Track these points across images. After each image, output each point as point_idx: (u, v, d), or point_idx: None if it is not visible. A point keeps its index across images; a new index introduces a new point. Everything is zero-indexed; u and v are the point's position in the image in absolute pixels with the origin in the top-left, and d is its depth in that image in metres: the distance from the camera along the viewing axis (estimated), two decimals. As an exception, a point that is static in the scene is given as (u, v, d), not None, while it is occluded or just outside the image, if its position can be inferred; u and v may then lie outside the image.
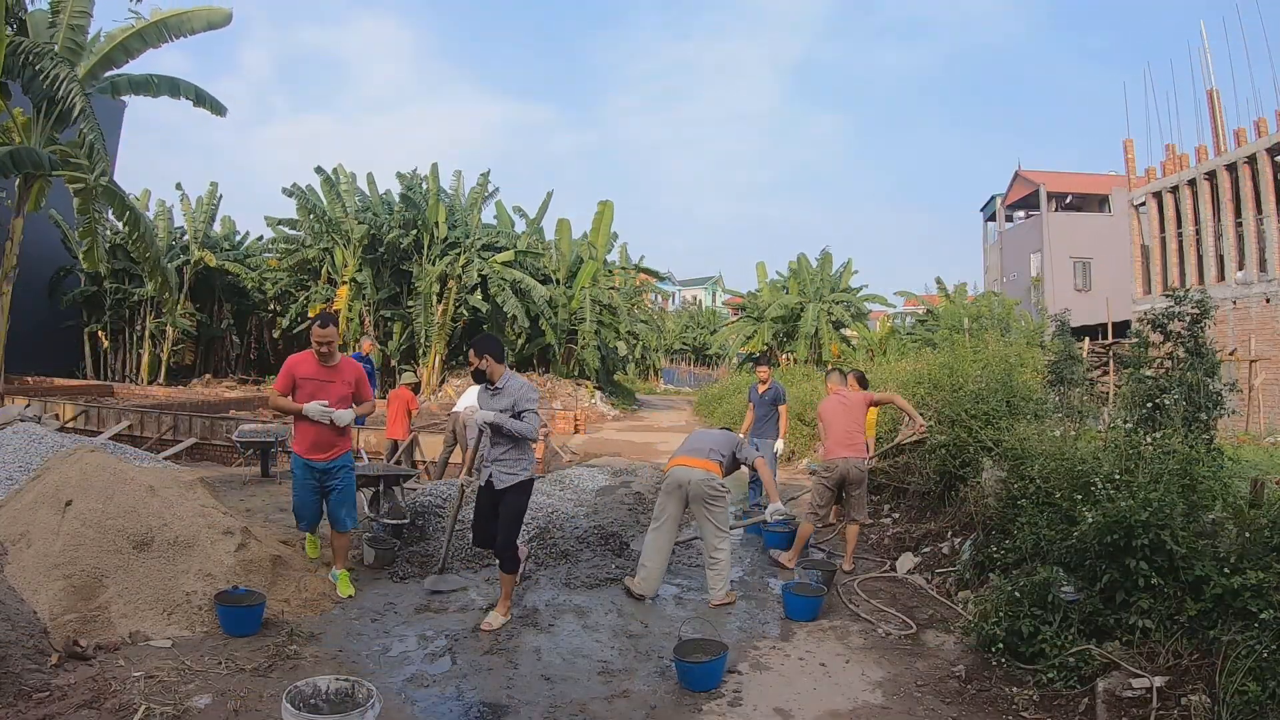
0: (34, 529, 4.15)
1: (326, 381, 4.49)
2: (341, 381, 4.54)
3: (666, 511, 5.06)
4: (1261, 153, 16.28)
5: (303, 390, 4.45)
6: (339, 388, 4.51)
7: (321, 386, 4.46)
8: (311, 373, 4.48)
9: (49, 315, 21.29)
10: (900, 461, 7.55)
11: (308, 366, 4.50)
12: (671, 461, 5.21)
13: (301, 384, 4.46)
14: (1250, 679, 2.96)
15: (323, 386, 4.47)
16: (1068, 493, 4.25)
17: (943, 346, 12.12)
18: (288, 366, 4.51)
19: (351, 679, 2.96)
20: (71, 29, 11.71)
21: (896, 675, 3.92)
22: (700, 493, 4.96)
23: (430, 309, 20.71)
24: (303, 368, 4.50)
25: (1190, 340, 5.56)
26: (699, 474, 5.00)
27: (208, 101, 12.74)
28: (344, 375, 4.57)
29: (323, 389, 4.46)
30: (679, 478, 5.02)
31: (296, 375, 4.46)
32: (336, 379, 4.52)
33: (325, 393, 4.45)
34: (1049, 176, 29.59)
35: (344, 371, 4.58)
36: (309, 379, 4.47)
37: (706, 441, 5.29)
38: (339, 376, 4.54)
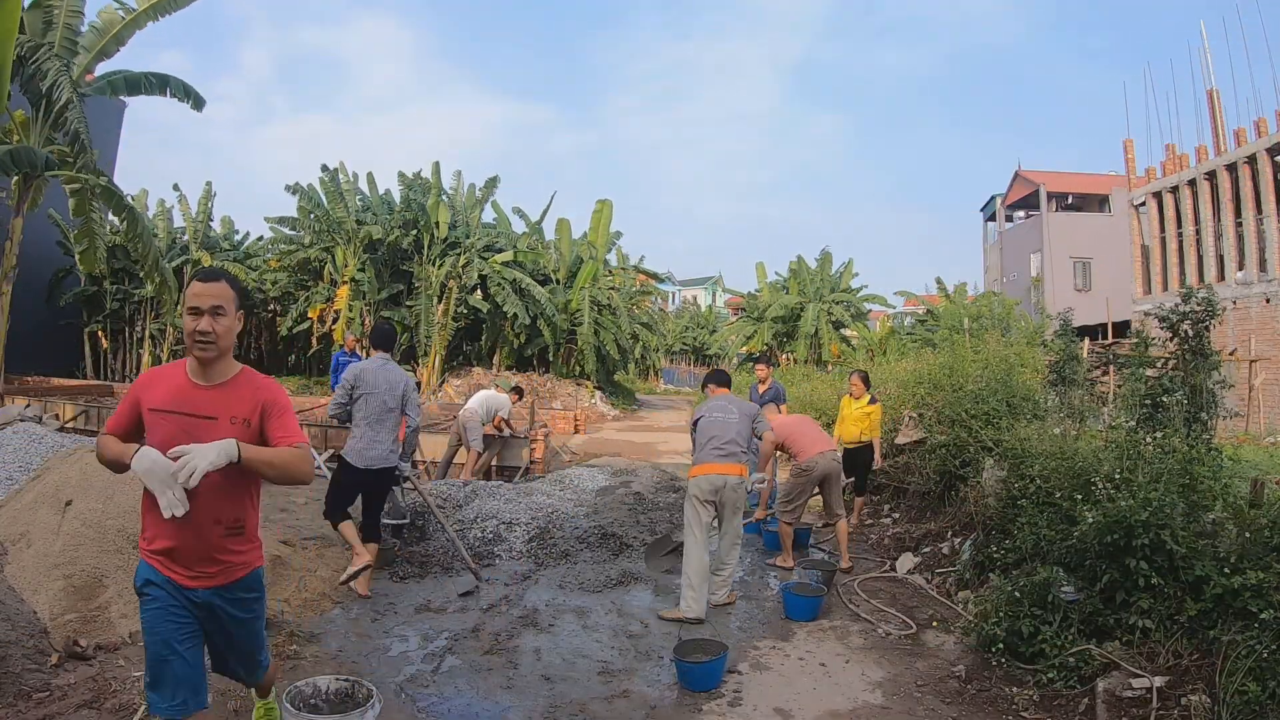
0: (34, 529, 4.15)
1: (201, 418, 2.20)
2: (230, 417, 2.22)
3: (702, 520, 4.73)
4: (1261, 153, 16.28)
5: (155, 430, 2.20)
6: (224, 428, 2.19)
7: (192, 425, 2.19)
8: (172, 397, 2.22)
9: (49, 315, 21.27)
10: (900, 461, 7.55)
11: (167, 385, 2.25)
12: (705, 467, 4.78)
13: (154, 420, 2.21)
14: (1250, 679, 2.96)
15: (194, 425, 2.18)
16: (1068, 493, 4.26)
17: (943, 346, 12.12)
18: (134, 387, 2.32)
19: (351, 679, 2.96)
20: (67, 27, 11.71)
21: (896, 675, 3.91)
22: (734, 499, 4.80)
23: (430, 309, 20.71)
24: (158, 389, 2.25)
25: (1195, 340, 5.56)
26: (734, 479, 4.77)
27: (192, 96, 12.90)
28: (237, 404, 2.25)
29: (194, 428, 2.18)
30: (715, 484, 4.73)
31: (145, 402, 2.24)
32: (221, 412, 2.22)
33: (198, 434, 2.16)
34: (1049, 176, 29.59)
35: (240, 396, 2.26)
36: (168, 410, 2.20)
37: (731, 434, 4.85)
38: (227, 406, 2.23)
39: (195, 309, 2.17)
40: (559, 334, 22.02)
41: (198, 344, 2.18)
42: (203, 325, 2.16)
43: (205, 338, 2.17)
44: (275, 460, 2.17)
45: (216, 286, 2.20)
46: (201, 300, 2.17)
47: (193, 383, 2.23)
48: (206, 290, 2.18)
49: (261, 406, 2.25)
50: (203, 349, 2.18)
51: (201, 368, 2.23)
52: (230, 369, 2.28)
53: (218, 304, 2.18)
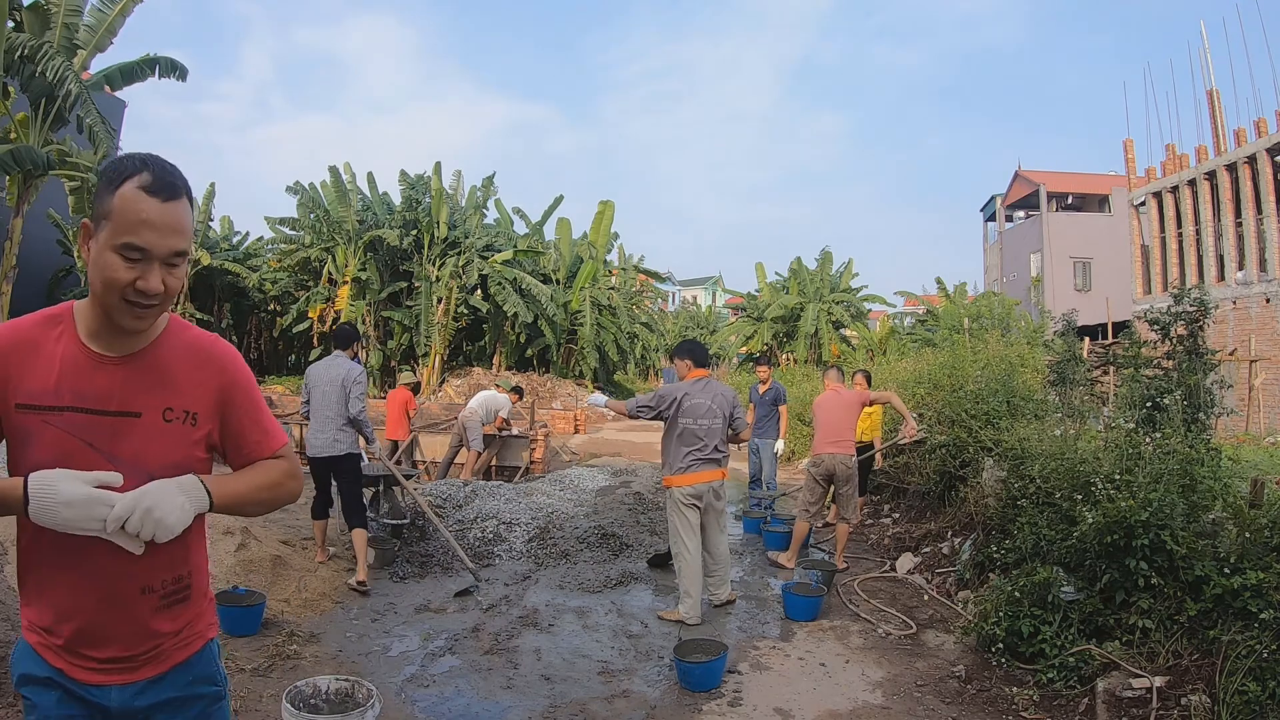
0: (34, 529, 4.15)
1: (116, 414, 1.26)
2: (164, 410, 1.30)
3: (691, 523, 4.67)
4: (1261, 153, 16.28)
5: (37, 444, 1.23)
6: (156, 429, 1.29)
7: (103, 430, 1.25)
8: (60, 383, 1.24)
9: (49, 315, 21.28)
10: (900, 461, 7.55)
11: (46, 362, 1.25)
12: (689, 477, 4.69)
13: (32, 425, 1.24)
14: (1250, 679, 2.96)
15: (106, 430, 1.25)
16: (1068, 493, 4.26)
17: (943, 346, 12.12)
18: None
19: (351, 679, 2.96)
20: (66, 26, 11.74)
21: (896, 675, 3.92)
22: (714, 500, 4.80)
23: (430, 309, 20.72)
24: (32, 368, 1.24)
25: (1190, 340, 5.58)
26: (717, 483, 4.79)
27: (177, 69, 13.10)
28: (173, 387, 1.31)
29: (108, 436, 1.25)
30: (699, 490, 4.70)
31: (9, 394, 1.23)
32: (149, 402, 1.29)
33: (115, 446, 1.25)
34: (1049, 176, 29.59)
35: (177, 373, 1.32)
36: (57, 407, 1.24)
37: (715, 440, 4.75)
38: (158, 391, 1.30)
39: (136, 249, 1.19)
40: (560, 334, 22.04)
41: (134, 307, 1.22)
42: (151, 283, 1.20)
43: (149, 300, 1.22)
44: (260, 490, 1.37)
45: (178, 210, 1.23)
46: (156, 235, 1.20)
47: (93, 353, 1.25)
48: (165, 217, 1.21)
49: (219, 392, 1.35)
50: (141, 315, 1.24)
51: (116, 332, 1.26)
52: (155, 326, 1.31)
53: (179, 247, 1.23)
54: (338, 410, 4.93)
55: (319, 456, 5.02)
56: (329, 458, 4.99)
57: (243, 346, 26.56)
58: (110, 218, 1.21)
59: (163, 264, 1.22)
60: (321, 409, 4.97)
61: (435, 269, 20.86)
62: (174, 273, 1.25)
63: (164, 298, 1.25)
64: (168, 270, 1.23)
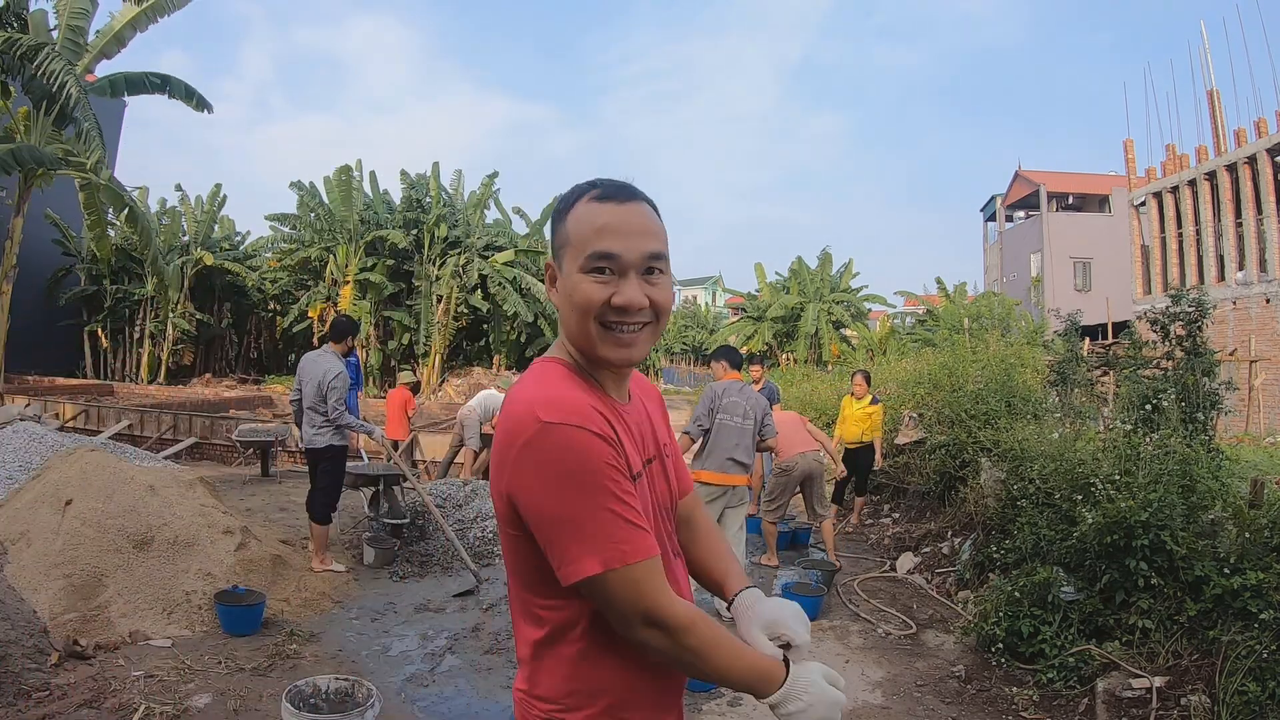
0: (34, 528, 4.15)
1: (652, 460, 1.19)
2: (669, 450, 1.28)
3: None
4: (1261, 153, 16.28)
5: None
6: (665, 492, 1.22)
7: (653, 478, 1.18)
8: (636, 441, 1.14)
9: (49, 315, 21.28)
10: (900, 461, 7.55)
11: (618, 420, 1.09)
12: (716, 476, 4.69)
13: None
14: (1250, 679, 2.96)
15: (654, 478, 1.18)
16: (1067, 493, 4.26)
17: (943, 347, 12.12)
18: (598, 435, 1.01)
19: (351, 678, 2.96)
20: (71, 28, 11.75)
21: (896, 675, 3.92)
22: (735, 501, 4.81)
23: (430, 309, 20.73)
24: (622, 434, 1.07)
25: (1188, 340, 5.58)
26: (741, 489, 4.80)
27: (195, 98, 12.93)
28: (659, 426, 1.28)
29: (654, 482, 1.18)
30: (717, 491, 4.70)
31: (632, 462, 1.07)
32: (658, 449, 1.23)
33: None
34: (1049, 176, 29.59)
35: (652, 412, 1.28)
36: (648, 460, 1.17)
37: (746, 441, 4.74)
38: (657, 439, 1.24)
39: (602, 257, 1.05)
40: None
41: (614, 332, 1.06)
42: (628, 295, 1.05)
43: (631, 319, 1.06)
44: None
45: (639, 210, 1.09)
46: (620, 238, 1.05)
47: (616, 402, 1.13)
48: (627, 217, 1.07)
49: (663, 414, 1.32)
50: (625, 341, 1.07)
51: (619, 378, 1.15)
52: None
53: (651, 248, 1.07)
54: (318, 405, 5.02)
55: (306, 448, 5.11)
56: (311, 450, 5.07)
57: (242, 346, 26.60)
58: (569, 243, 1.07)
59: (638, 274, 1.05)
60: (308, 403, 5.06)
61: (436, 269, 20.88)
62: (655, 283, 1.06)
63: (650, 316, 1.07)
64: (646, 282, 1.06)
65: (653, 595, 0.99)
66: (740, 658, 1.04)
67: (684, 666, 1.04)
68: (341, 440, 5.04)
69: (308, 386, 5.01)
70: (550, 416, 0.98)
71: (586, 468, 0.97)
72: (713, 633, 1.03)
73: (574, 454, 0.97)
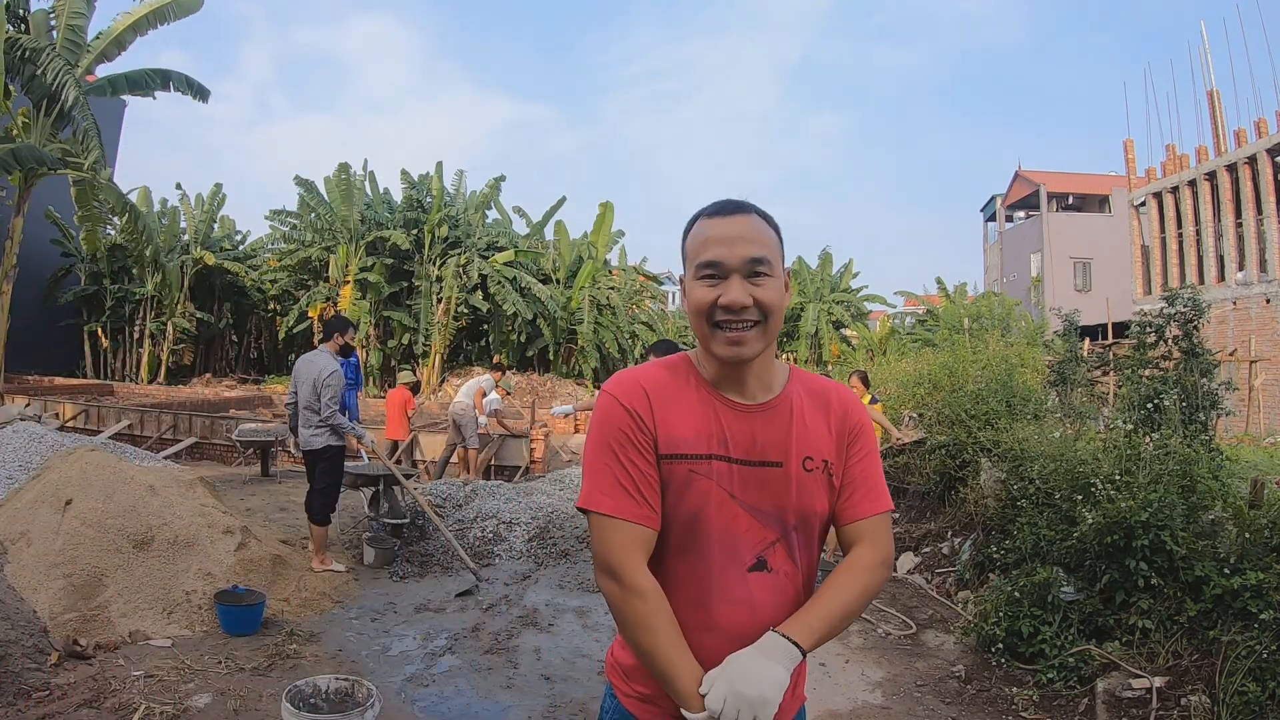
0: (34, 528, 4.15)
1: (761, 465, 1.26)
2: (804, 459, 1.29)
3: None
4: (1261, 153, 16.29)
5: (686, 492, 1.23)
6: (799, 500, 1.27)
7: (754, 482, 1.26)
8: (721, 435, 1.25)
9: (49, 315, 21.27)
10: (900, 461, 7.55)
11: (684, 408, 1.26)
12: None
13: (681, 474, 1.23)
14: (1250, 679, 2.96)
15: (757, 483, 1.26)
16: (1067, 493, 4.26)
17: (943, 347, 12.13)
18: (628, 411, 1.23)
19: (351, 678, 2.96)
20: (70, 28, 11.76)
21: (896, 675, 3.92)
22: None
23: (431, 309, 20.73)
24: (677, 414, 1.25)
25: (1186, 341, 5.58)
26: None
27: (195, 88, 13.01)
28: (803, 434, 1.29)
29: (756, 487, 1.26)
30: None
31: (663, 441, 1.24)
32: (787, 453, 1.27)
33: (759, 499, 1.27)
34: (1049, 176, 29.60)
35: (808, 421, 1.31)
36: (714, 456, 1.24)
37: None
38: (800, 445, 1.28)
39: (708, 265, 1.18)
40: (559, 333, 22.05)
41: (724, 330, 1.18)
42: (732, 295, 1.16)
43: (736, 317, 1.17)
44: (851, 605, 1.25)
45: (743, 222, 1.20)
46: (724, 247, 1.18)
47: (729, 400, 1.23)
48: (729, 228, 1.19)
49: (841, 437, 1.30)
50: (734, 339, 1.18)
51: (736, 373, 1.23)
52: (776, 374, 1.28)
53: (751, 254, 1.18)
54: (314, 405, 5.01)
55: (304, 450, 5.10)
56: (308, 451, 5.07)
57: (242, 346, 26.60)
58: (687, 257, 1.23)
59: (743, 277, 1.17)
60: (301, 403, 5.07)
61: (436, 268, 20.87)
62: (761, 285, 1.18)
63: (758, 315, 1.18)
64: (751, 284, 1.18)
65: (612, 549, 1.15)
66: (671, 654, 1.12)
67: (624, 628, 1.16)
68: (339, 441, 5.03)
69: (303, 388, 5.01)
70: (608, 386, 1.24)
71: (603, 426, 1.19)
72: (661, 616, 1.13)
73: (600, 414, 1.21)
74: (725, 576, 1.19)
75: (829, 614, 1.19)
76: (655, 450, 1.18)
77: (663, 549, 1.20)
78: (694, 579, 1.19)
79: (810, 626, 1.16)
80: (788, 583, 1.23)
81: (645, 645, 1.13)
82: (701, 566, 1.19)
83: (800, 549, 1.25)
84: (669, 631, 1.13)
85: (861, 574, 1.25)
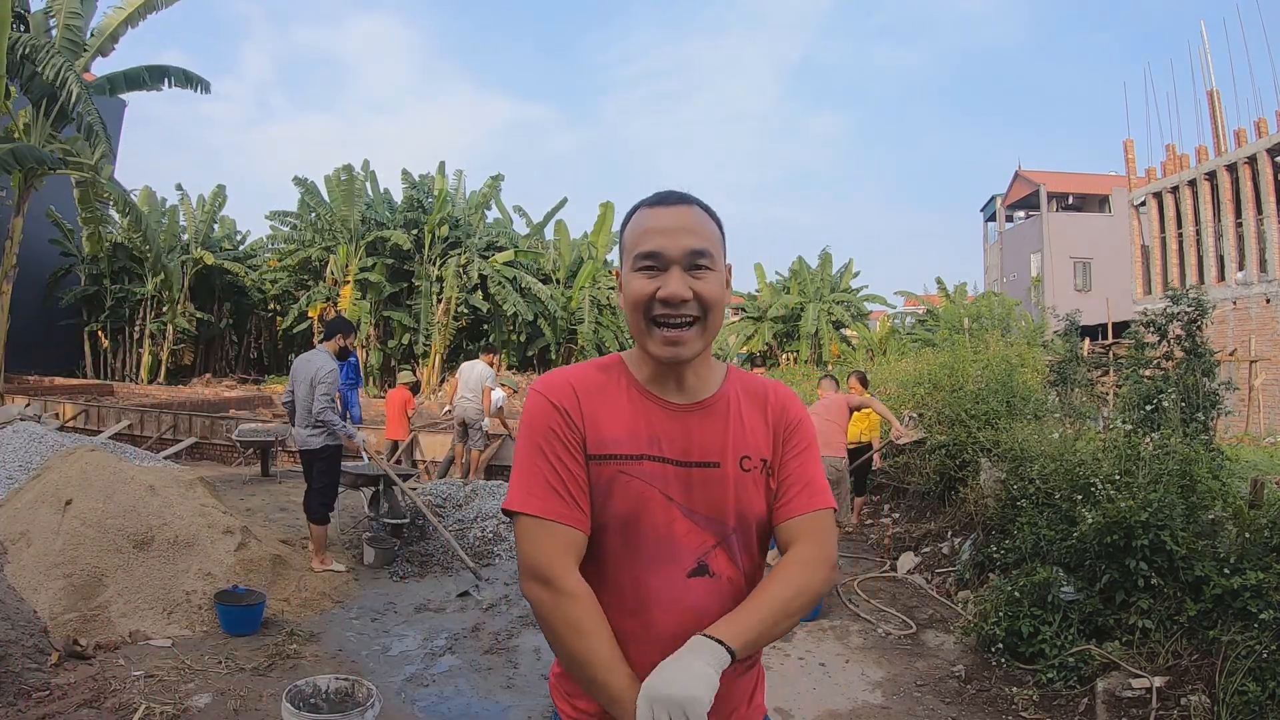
0: (34, 528, 4.15)
1: (698, 465, 1.22)
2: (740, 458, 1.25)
3: None
4: (1261, 153, 16.29)
5: (616, 493, 1.18)
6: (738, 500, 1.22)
7: (689, 483, 1.22)
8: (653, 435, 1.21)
9: (48, 315, 21.27)
10: (900, 461, 7.55)
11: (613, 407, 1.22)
12: None
13: (610, 474, 1.20)
14: (1250, 679, 2.96)
15: (693, 483, 1.22)
16: (1067, 493, 4.26)
17: (943, 347, 12.12)
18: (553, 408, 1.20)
19: (351, 678, 2.96)
20: (68, 28, 11.77)
21: (896, 675, 3.92)
22: None
23: (431, 308, 20.73)
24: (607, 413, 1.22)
25: (1188, 340, 5.58)
26: None
27: (194, 81, 12.95)
28: (740, 433, 1.26)
29: (691, 487, 1.22)
30: None
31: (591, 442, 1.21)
32: (724, 453, 1.23)
33: (695, 500, 1.22)
34: (1049, 176, 29.60)
35: (744, 421, 1.27)
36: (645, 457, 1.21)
37: None
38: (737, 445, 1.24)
39: (647, 256, 1.14)
40: (560, 333, 22.06)
41: (662, 328, 1.14)
42: (671, 288, 1.12)
43: (675, 311, 1.13)
44: (788, 605, 1.13)
45: (685, 213, 1.17)
46: (664, 237, 1.14)
47: (660, 399, 1.20)
48: (671, 219, 1.15)
49: (776, 434, 1.25)
50: (672, 339, 1.14)
51: (672, 373, 1.19)
52: (713, 374, 1.25)
53: (692, 245, 1.14)
54: (310, 406, 5.03)
55: (300, 450, 5.11)
56: (305, 451, 5.07)
57: (242, 346, 26.60)
58: (625, 247, 1.19)
59: (683, 270, 1.13)
60: (299, 403, 5.09)
61: (436, 268, 20.87)
62: (702, 278, 1.13)
63: (697, 310, 1.13)
64: (691, 277, 1.13)
65: (543, 553, 1.10)
66: (608, 659, 1.06)
67: (555, 637, 1.09)
68: (336, 440, 5.04)
69: (300, 387, 5.02)
70: (536, 384, 1.20)
71: (531, 425, 1.16)
72: (597, 619, 1.08)
73: (528, 413, 1.17)
74: (665, 583, 1.13)
75: (761, 615, 1.09)
76: (584, 450, 1.14)
77: (598, 556, 1.15)
78: (632, 587, 1.13)
79: (740, 626, 1.07)
80: (731, 588, 1.16)
81: (579, 652, 1.07)
82: (639, 573, 1.14)
83: (742, 552, 1.19)
84: (604, 635, 1.07)
85: (797, 571, 1.15)
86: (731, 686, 1.15)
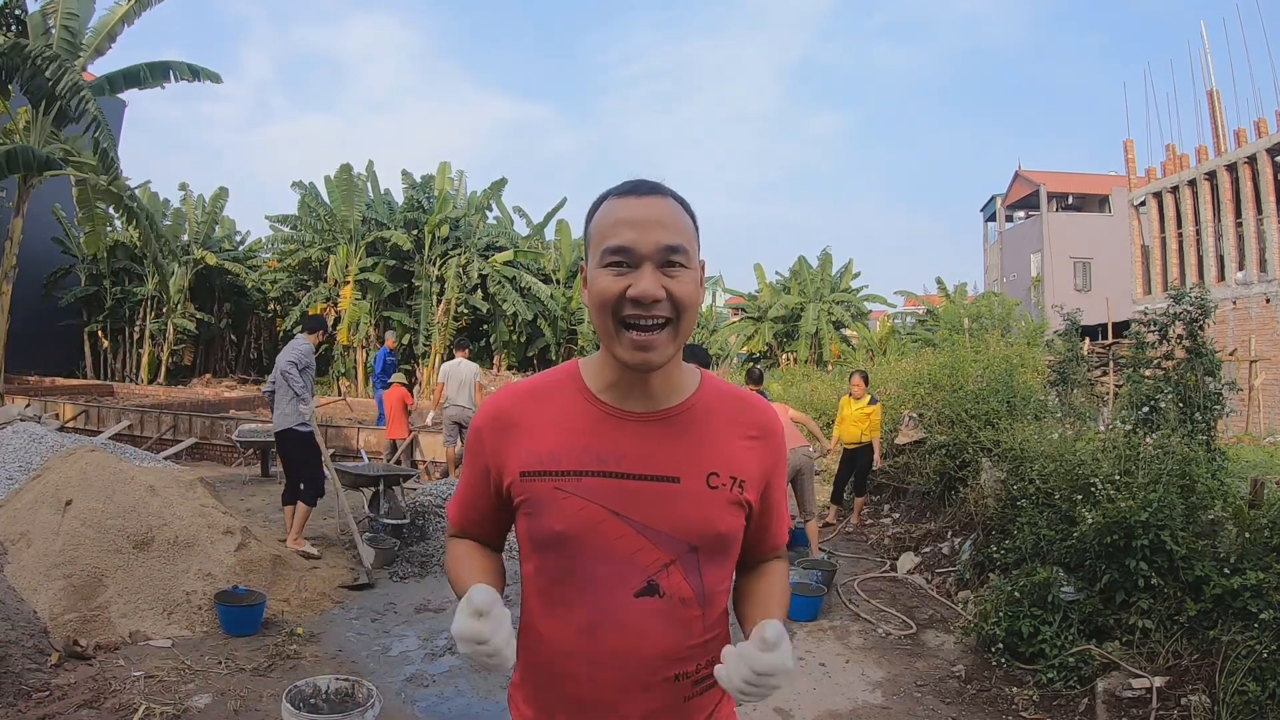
0: (34, 529, 4.15)
1: (655, 480, 1.12)
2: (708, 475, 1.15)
3: None
4: (1261, 153, 16.29)
5: (553, 511, 1.13)
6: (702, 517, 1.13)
7: (645, 498, 1.13)
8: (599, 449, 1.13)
9: (49, 315, 21.27)
10: (900, 461, 7.55)
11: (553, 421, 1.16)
12: None
13: (544, 491, 1.15)
14: (1250, 679, 2.96)
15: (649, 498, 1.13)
16: (1067, 493, 4.26)
17: (943, 347, 12.13)
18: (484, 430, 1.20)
19: (351, 678, 2.96)
20: (66, 27, 11.76)
21: (896, 675, 3.92)
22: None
23: (431, 309, 20.73)
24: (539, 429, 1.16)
25: (1190, 340, 5.57)
26: None
27: (202, 74, 12.77)
28: (710, 449, 1.16)
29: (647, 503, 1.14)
30: None
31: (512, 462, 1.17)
32: (685, 468, 1.13)
33: (651, 516, 1.14)
34: (1049, 176, 29.60)
35: (717, 435, 1.17)
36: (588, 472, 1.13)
37: None
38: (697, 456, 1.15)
39: (617, 251, 1.05)
40: (560, 333, 22.07)
41: (632, 330, 1.05)
42: (643, 286, 1.03)
43: (647, 312, 1.04)
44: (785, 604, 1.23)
45: (659, 204, 1.07)
46: (636, 230, 1.05)
47: (613, 409, 1.12)
48: (643, 210, 1.06)
49: (764, 462, 1.17)
50: (643, 342, 1.04)
51: (638, 379, 1.11)
52: (684, 380, 1.16)
53: (666, 240, 1.05)
54: (286, 390, 5.31)
55: (276, 432, 5.45)
56: (279, 433, 5.37)
57: (242, 346, 26.59)
58: (591, 240, 1.10)
59: (656, 267, 1.03)
60: (276, 388, 5.41)
61: (437, 269, 20.88)
62: (676, 277, 1.04)
63: (669, 311, 1.04)
64: (664, 274, 1.03)
65: (448, 553, 1.30)
66: (458, 577, 1.20)
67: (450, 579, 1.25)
68: (305, 426, 5.28)
69: (276, 371, 5.35)
70: (485, 400, 1.24)
71: (468, 442, 1.23)
72: (464, 549, 1.27)
73: (470, 430, 1.23)
74: (611, 602, 1.08)
75: (781, 612, 1.19)
76: (500, 473, 1.14)
77: (549, 573, 1.13)
78: (582, 606, 1.09)
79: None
80: (682, 609, 1.09)
81: (450, 577, 1.23)
82: (588, 592, 1.09)
83: (703, 570, 1.11)
84: (470, 562, 1.23)
85: (780, 574, 1.25)
86: (695, 702, 1.14)
